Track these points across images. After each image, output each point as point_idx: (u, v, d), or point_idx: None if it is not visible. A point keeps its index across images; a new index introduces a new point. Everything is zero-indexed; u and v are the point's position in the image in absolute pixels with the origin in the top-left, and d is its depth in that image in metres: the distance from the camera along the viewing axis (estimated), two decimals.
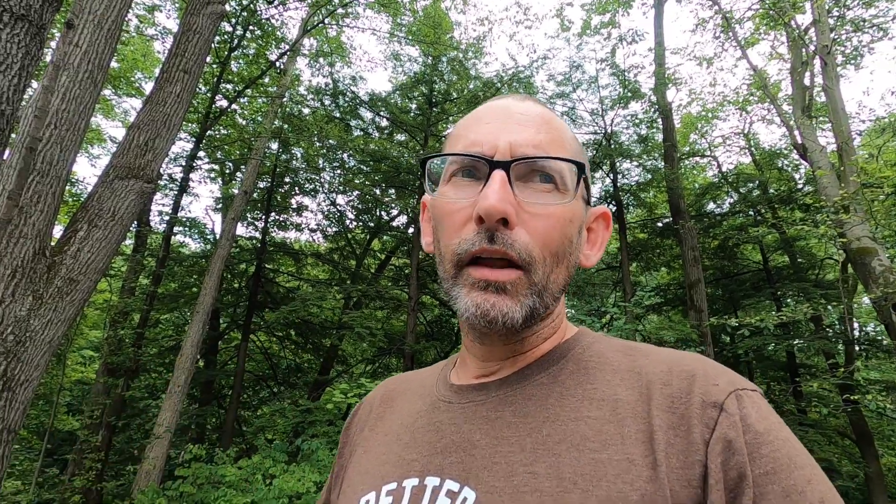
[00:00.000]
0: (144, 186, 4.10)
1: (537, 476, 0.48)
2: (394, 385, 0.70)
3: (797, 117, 7.12)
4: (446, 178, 0.57)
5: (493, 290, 0.51)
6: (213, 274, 7.38)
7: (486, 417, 0.55)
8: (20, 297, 3.26)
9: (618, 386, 0.53)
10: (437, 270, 0.59)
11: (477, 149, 0.54)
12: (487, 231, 0.51)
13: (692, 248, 7.36)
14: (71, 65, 3.75)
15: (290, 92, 10.61)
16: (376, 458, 0.59)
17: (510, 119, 0.56)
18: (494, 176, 0.51)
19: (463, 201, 0.54)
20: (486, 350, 0.59)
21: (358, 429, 0.68)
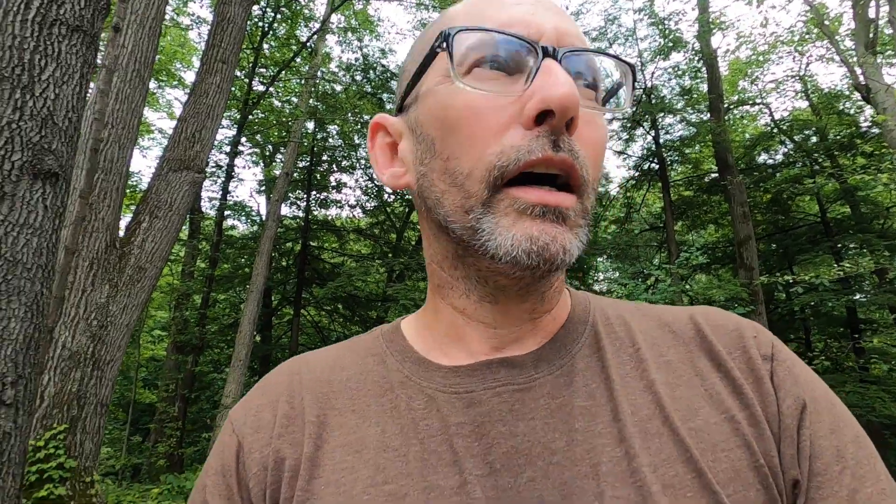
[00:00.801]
0: (195, 176, 4.35)
1: (656, 468, 0.38)
2: (295, 385, 0.48)
3: (860, 54, 6.56)
4: (463, 67, 0.41)
5: (553, 217, 0.39)
6: (263, 254, 7.76)
7: (545, 407, 0.42)
8: (99, 286, 3.59)
9: (663, 346, 0.46)
10: (438, 205, 0.43)
11: (515, 29, 0.40)
12: (553, 133, 0.38)
13: (741, 203, 7.04)
14: (120, 66, 3.96)
15: (322, 70, 10.71)
16: (356, 492, 0.40)
17: (542, 3, 0.43)
18: (550, 64, 0.38)
19: (502, 96, 0.39)
20: (498, 312, 0.45)
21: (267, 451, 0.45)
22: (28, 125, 2.31)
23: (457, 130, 0.41)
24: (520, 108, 0.39)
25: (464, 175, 0.40)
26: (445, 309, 0.47)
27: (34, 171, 2.34)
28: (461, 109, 0.40)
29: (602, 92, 0.44)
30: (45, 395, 3.20)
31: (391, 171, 0.49)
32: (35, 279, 2.31)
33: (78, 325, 3.39)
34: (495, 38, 0.40)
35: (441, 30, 0.42)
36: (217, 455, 0.47)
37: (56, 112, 2.46)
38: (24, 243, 2.26)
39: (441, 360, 0.46)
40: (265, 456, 0.44)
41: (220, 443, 0.48)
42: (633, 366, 0.44)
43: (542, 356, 0.44)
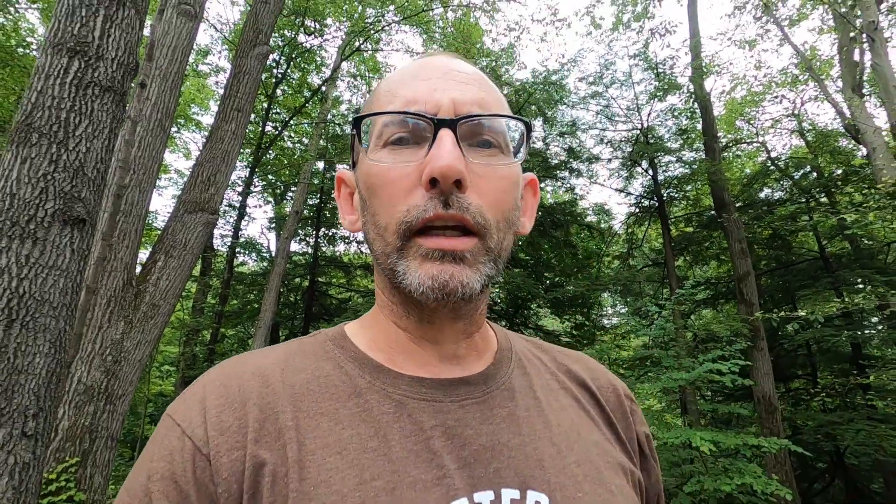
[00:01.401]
0: (209, 218, 4.59)
1: (579, 465, 0.50)
2: (260, 388, 0.49)
3: (847, 97, 6.80)
4: (380, 143, 0.50)
5: (451, 259, 0.47)
6: (272, 290, 7.94)
7: (499, 416, 0.51)
8: (115, 323, 3.77)
9: (555, 378, 0.60)
10: (372, 247, 0.52)
11: (417, 107, 0.49)
12: (441, 195, 0.46)
13: (739, 240, 7.16)
14: (143, 116, 4.27)
15: (332, 112, 11.20)
16: (346, 490, 0.43)
17: (449, 76, 0.52)
18: (442, 135, 0.47)
19: (405, 166, 0.48)
20: (437, 330, 0.53)
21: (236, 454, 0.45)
22: (61, 176, 2.54)
23: (376, 194, 0.50)
24: (420, 172, 0.47)
25: (383, 228, 0.49)
26: (390, 326, 0.54)
27: (64, 217, 2.54)
28: (377, 177, 0.50)
29: (510, 142, 0.53)
30: (60, 428, 3.33)
31: (349, 219, 0.58)
32: (60, 317, 2.48)
33: (93, 361, 3.55)
34: (400, 117, 0.49)
35: (366, 110, 0.53)
36: (163, 458, 0.45)
37: (86, 164, 2.69)
38: (52, 284, 2.44)
39: (398, 368, 0.52)
40: (237, 460, 0.44)
41: (164, 445, 0.46)
42: (549, 389, 0.57)
43: (488, 375, 0.54)
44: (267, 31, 5.84)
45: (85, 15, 2.80)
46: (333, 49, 10.22)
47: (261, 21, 5.85)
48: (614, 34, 10.12)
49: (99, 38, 2.83)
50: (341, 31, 9.85)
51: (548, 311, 9.48)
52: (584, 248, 10.04)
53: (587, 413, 0.57)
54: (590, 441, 0.54)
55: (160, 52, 4.61)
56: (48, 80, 2.68)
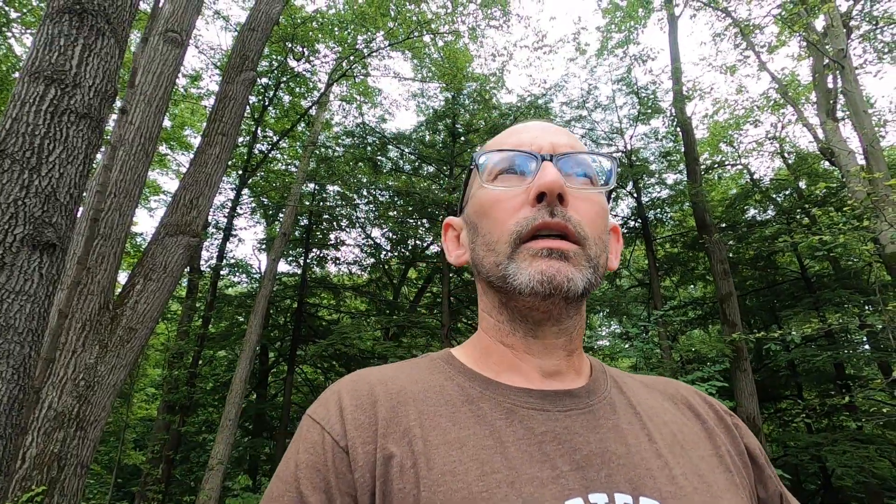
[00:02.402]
0: (191, 240, 4.60)
1: (686, 476, 0.52)
2: (384, 392, 0.55)
3: (823, 121, 6.98)
4: (492, 176, 0.60)
5: (557, 256, 0.53)
6: (258, 313, 7.90)
7: (604, 426, 0.54)
8: (89, 347, 3.74)
9: (648, 395, 0.62)
10: (482, 266, 0.59)
11: (523, 148, 0.59)
12: (548, 206, 0.54)
13: (721, 261, 7.23)
14: (126, 140, 4.32)
15: (324, 134, 11.34)
16: (470, 480, 0.47)
17: (546, 129, 0.62)
18: (546, 164, 0.56)
19: (514, 190, 0.57)
20: (541, 345, 0.58)
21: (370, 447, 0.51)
22: (32, 202, 2.55)
23: (488, 215, 0.59)
24: (527, 195, 0.56)
25: (494, 241, 0.57)
26: (496, 346, 0.60)
27: (34, 242, 2.54)
28: (489, 201, 0.59)
29: (600, 177, 0.61)
30: (27, 456, 3.27)
31: (456, 254, 0.67)
32: (24, 342, 2.45)
33: (65, 386, 3.51)
34: (510, 154, 0.60)
35: (473, 176, 0.65)
36: (307, 451, 0.52)
37: (59, 189, 2.70)
38: (18, 309, 2.43)
39: (506, 381, 0.57)
40: (370, 453, 0.50)
41: (307, 440, 0.53)
42: (648, 406, 0.60)
43: (590, 390, 0.58)
44: (254, 57, 5.95)
45: (63, 44, 2.86)
46: (324, 73, 10.41)
47: (248, 47, 5.97)
48: (598, 60, 10.38)
49: (77, 67, 2.88)
50: (329, 57, 10.05)
51: None
52: None
53: (690, 429, 0.59)
54: (695, 455, 0.55)
55: (145, 79, 4.68)
56: (23, 108, 2.71)
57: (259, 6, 6.37)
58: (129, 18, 3.21)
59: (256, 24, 6.18)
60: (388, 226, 11.55)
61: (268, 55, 9.67)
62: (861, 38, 9.63)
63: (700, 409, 0.62)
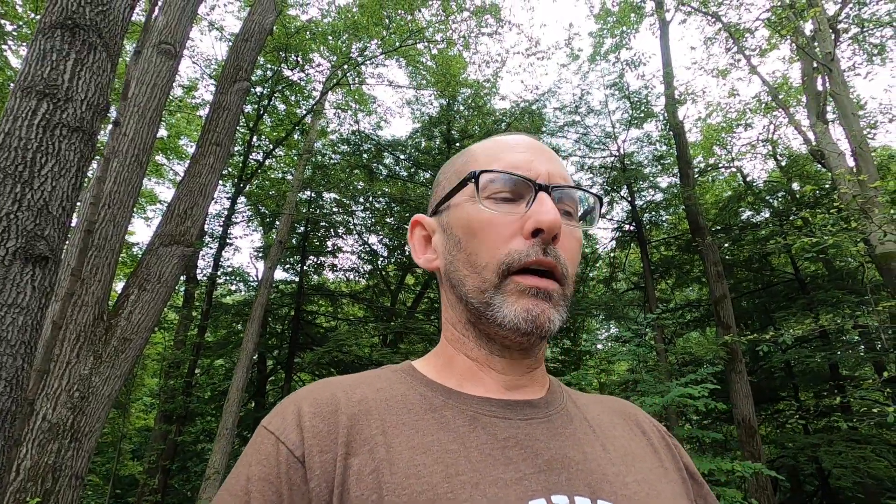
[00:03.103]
0: (185, 250, 4.63)
1: (639, 484, 0.54)
2: (345, 401, 0.55)
3: (813, 123, 7.04)
4: (484, 194, 0.58)
5: (543, 297, 0.54)
6: (254, 321, 7.91)
7: (563, 434, 0.56)
8: (83, 358, 3.75)
9: (600, 411, 0.65)
10: (461, 285, 0.59)
11: (520, 171, 0.58)
12: (542, 244, 0.55)
13: (714, 263, 7.27)
14: (120, 152, 4.35)
15: (321, 142, 11.39)
16: (435, 482, 0.48)
17: (540, 151, 0.61)
18: (542, 196, 0.56)
19: (508, 217, 0.57)
20: (506, 363, 0.59)
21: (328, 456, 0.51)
22: (24, 215, 2.57)
23: (477, 235, 0.58)
24: (521, 224, 0.56)
25: (482, 266, 0.57)
26: (459, 357, 0.61)
27: (26, 255, 2.56)
28: (481, 222, 0.58)
29: (580, 210, 0.62)
30: (21, 468, 3.27)
31: (426, 257, 0.66)
32: (17, 355, 2.47)
33: (60, 397, 3.52)
34: (506, 177, 0.58)
35: (468, 167, 0.63)
36: (259, 463, 0.51)
37: (51, 202, 2.72)
38: (10, 321, 2.45)
39: (469, 390, 0.58)
40: (328, 461, 0.50)
41: (260, 451, 0.52)
42: (599, 420, 0.62)
43: (549, 401, 0.60)
44: (247, 67, 6.00)
45: (55, 59, 2.89)
46: (318, 83, 10.48)
47: (241, 58, 6.02)
48: (591, 66, 10.46)
49: (69, 81, 2.90)
50: (324, 66, 10.12)
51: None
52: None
53: (637, 444, 0.61)
54: (645, 467, 0.58)
55: (139, 90, 4.72)
56: (16, 122, 2.73)
57: (252, 17, 6.43)
58: (121, 32, 3.24)
59: (250, 35, 6.24)
60: (384, 232, 11.58)
61: (262, 64, 9.74)
62: (851, 41, 9.74)
63: (645, 427, 0.65)
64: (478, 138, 10.77)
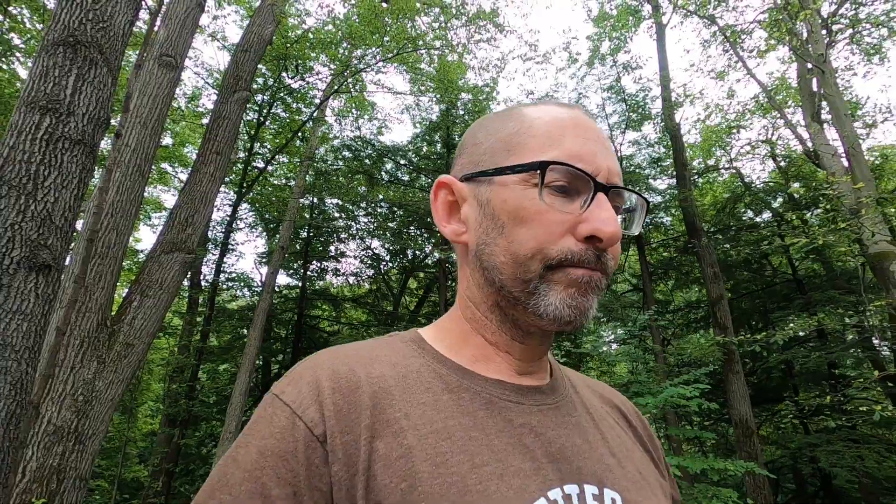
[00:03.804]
0: (186, 257, 4.74)
1: (634, 474, 0.57)
2: (365, 378, 0.52)
3: (808, 124, 7.08)
4: (532, 179, 0.54)
5: (592, 287, 0.53)
6: (256, 326, 8.02)
7: (569, 422, 0.57)
8: (87, 363, 3.86)
9: (594, 398, 0.67)
10: (496, 270, 0.56)
11: (581, 164, 0.54)
12: (597, 251, 0.53)
13: (711, 265, 7.31)
14: (122, 162, 4.47)
15: (322, 148, 11.53)
16: (463, 472, 0.47)
17: (600, 141, 0.57)
18: (602, 200, 0.53)
19: (561, 213, 0.53)
20: (524, 349, 0.58)
21: (350, 437, 0.48)
22: (28, 225, 2.68)
23: (526, 225, 0.54)
24: (574, 223, 0.53)
25: (525, 256, 0.53)
26: (477, 338, 0.59)
27: (30, 264, 2.66)
28: (533, 212, 0.54)
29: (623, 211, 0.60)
30: (27, 469, 3.38)
31: (452, 228, 0.61)
32: (22, 360, 2.57)
33: (64, 401, 3.63)
34: (569, 169, 0.54)
35: (525, 143, 0.56)
36: (273, 436, 0.47)
37: (54, 213, 2.83)
38: (15, 328, 2.55)
39: (482, 371, 0.57)
40: (351, 443, 0.47)
41: (274, 424, 0.48)
42: (595, 408, 0.64)
43: (554, 387, 0.60)
44: (247, 77, 6.13)
45: (58, 75, 3.00)
46: (319, 90, 10.61)
47: (241, 68, 6.15)
48: (588, 69, 10.53)
49: (71, 96, 3.01)
50: (323, 74, 10.26)
51: None
52: None
53: (627, 433, 0.64)
54: (635, 456, 0.60)
55: (141, 101, 4.84)
56: (20, 136, 2.85)
57: (252, 28, 6.56)
58: (121, 48, 3.36)
59: (249, 46, 6.37)
60: (386, 237, 11.70)
61: (263, 73, 9.89)
62: (848, 41, 9.76)
63: (628, 416, 0.68)
64: None
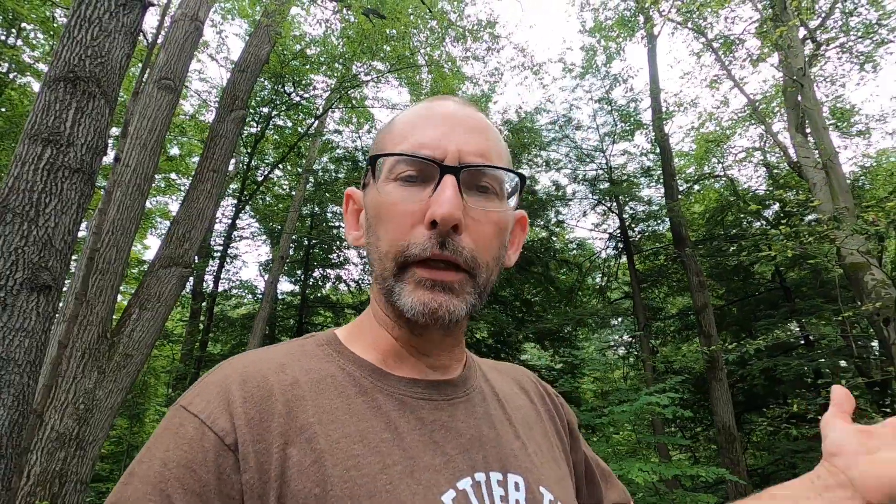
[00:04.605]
0: (183, 271, 4.98)
1: (536, 454, 0.61)
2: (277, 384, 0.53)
3: (792, 135, 7.20)
4: (390, 176, 0.56)
5: (440, 288, 0.53)
6: (256, 334, 8.26)
7: (478, 413, 0.60)
8: (88, 373, 4.10)
9: (504, 382, 0.70)
10: (373, 266, 0.58)
11: (426, 151, 0.55)
12: (440, 236, 0.52)
13: (696, 273, 7.45)
14: (123, 182, 4.73)
15: (325, 157, 11.82)
16: (374, 473, 0.49)
17: (457, 124, 0.57)
18: (446, 182, 0.53)
19: (410, 203, 0.54)
20: (424, 341, 0.59)
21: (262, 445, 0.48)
22: (31, 249, 2.92)
23: (382, 222, 0.56)
24: (424, 211, 0.53)
25: (383, 253, 0.55)
26: (384, 334, 0.60)
27: (31, 285, 2.91)
28: (385, 207, 0.56)
29: (505, 189, 0.59)
30: (31, 473, 3.61)
31: (354, 235, 0.64)
32: (24, 373, 2.82)
33: (66, 409, 3.87)
34: (406, 158, 0.55)
35: (383, 144, 0.60)
36: (179, 448, 0.47)
37: (54, 237, 3.08)
38: (18, 344, 2.79)
39: (395, 371, 0.58)
40: (263, 451, 0.47)
41: (181, 435, 0.47)
42: (505, 392, 0.68)
43: (464, 379, 0.63)
44: (243, 96, 6.39)
45: (58, 109, 3.25)
46: (318, 106, 10.89)
47: (238, 88, 6.42)
48: (580, 81, 10.71)
49: (70, 128, 3.26)
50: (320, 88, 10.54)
51: (530, 345, 9.67)
52: (563, 282, 10.35)
53: (530, 410, 0.68)
54: (538, 434, 0.65)
55: (141, 123, 5.11)
56: (24, 167, 3.10)
57: (249, 48, 6.83)
58: (118, 80, 3.61)
59: (246, 66, 6.64)
60: None
61: (265, 86, 10.19)
62: (839, 49, 9.86)
63: (532, 394, 0.72)
64: None
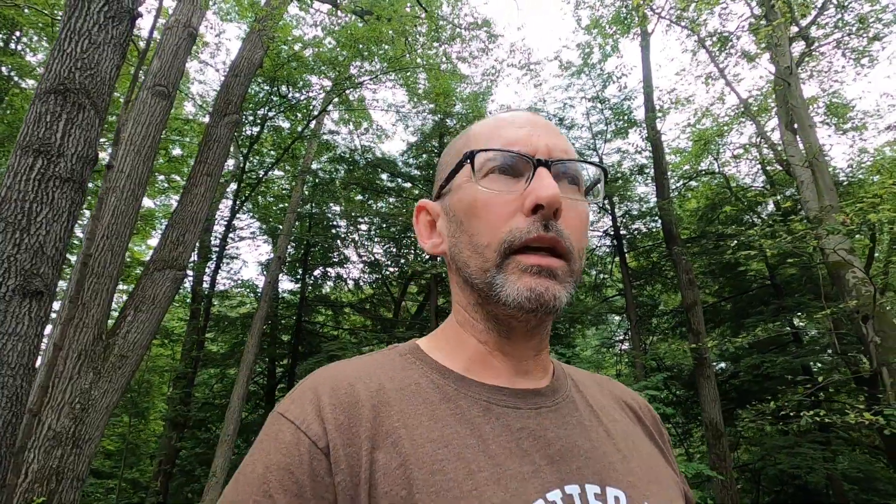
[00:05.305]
0: (177, 274, 5.11)
1: (641, 469, 0.57)
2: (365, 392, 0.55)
3: (782, 133, 7.24)
4: (482, 173, 0.58)
5: (546, 274, 0.54)
6: (254, 334, 8.40)
7: (570, 423, 0.57)
8: (84, 374, 4.24)
9: (600, 393, 0.67)
10: (465, 266, 0.58)
11: (518, 147, 0.57)
12: (543, 220, 0.54)
13: (686, 271, 7.50)
14: (117, 188, 4.85)
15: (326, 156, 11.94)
16: (459, 478, 0.49)
17: (539, 126, 0.60)
18: (541, 172, 0.55)
19: (507, 194, 0.56)
20: (513, 346, 0.59)
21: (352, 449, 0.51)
22: (23, 256, 3.05)
23: (478, 216, 0.57)
24: (521, 202, 0.55)
25: (483, 246, 0.56)
26: (470, 340, 0.60)
27: (24, 291, 3.03)
28: (480, 202, 0.57)
29: (585, 183, 0.61)
30: (29, 471, 3.75)
31: (431, 242, 0.65)
32: (17, 375, 2.94)
33: (63, 409, 4.01)
34: (504, 154, 0.57)
35: (467, 147, 0.61)
36: (278, 452, 0.50)
37: (46, 245, 3.20)
38: (11, 348, 2.92)
39: (481, 378, 0.58)
40: (352, 455, 0.49)
41: (279, 440, 0.51)
42: (601, 404, 0.65)
43: (554, 388, 0.61)
44: (237, 101, 6.50)
45: (49, 120, 3.37)
46: (317, 102, 10.99)
47: (231, 92, 6.53)
48: (573, 79, 10.76)
49: (61, 139, 3.38)
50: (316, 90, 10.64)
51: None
52: None
53: (633, 427, 0.65)
54: (644, 451, 0.61)
55: (135, 130, 5.22)
56: (16, 177, 3.22)
57: (242, 53, 6.94)
58: (108, 91, 3.72)
59: (239, 71, 6.74)
60: (384, 244, 12.03)
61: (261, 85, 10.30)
62: (834, 45, 9.87)
63: (638, 411, 0.69)
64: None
